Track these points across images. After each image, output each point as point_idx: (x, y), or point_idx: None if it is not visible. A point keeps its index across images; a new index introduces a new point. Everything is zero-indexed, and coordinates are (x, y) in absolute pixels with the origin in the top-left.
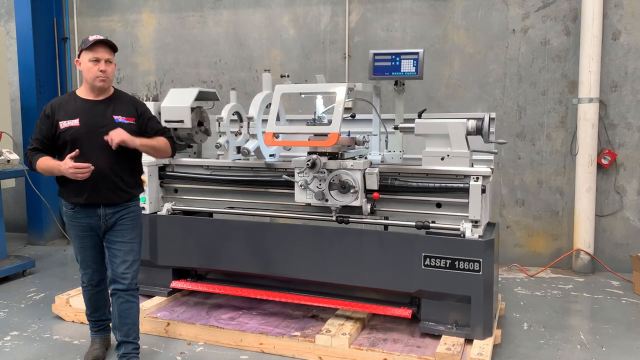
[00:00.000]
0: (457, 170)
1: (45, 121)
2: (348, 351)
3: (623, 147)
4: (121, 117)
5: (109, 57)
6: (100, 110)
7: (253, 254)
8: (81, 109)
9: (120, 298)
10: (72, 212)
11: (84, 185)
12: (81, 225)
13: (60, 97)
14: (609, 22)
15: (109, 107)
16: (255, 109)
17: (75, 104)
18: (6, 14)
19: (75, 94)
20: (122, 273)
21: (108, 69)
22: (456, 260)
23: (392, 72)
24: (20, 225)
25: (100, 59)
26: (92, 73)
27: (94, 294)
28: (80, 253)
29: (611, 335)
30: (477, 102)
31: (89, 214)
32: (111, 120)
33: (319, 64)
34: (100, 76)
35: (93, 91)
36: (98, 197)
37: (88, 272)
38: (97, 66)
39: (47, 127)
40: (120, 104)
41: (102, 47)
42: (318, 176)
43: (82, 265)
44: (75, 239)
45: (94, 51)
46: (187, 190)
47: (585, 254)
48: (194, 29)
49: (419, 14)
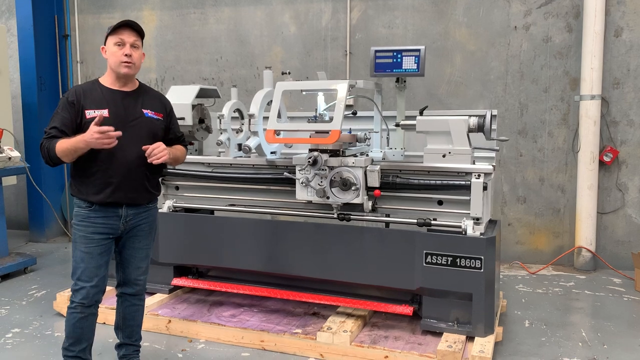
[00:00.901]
0: (459, 167)
1: (68, 108)
2: (349, 348)
3: (625, 144)
4: (150, 111)
5: (135, 40)
6: (130, 103)
7: (254, 252)
8: (110, 99)
9: (127, 301)
10: (88, 211)
11: (108, 181)
12: (95, 226)
13: (82, 84)
14: (611, 18)
15: (138, 100)
16: (257, 106)
17: (102, 92)
18: (7, 11)
19: (98, 82)
20: (135, 279)
21: (134, 54)
22: (457, 257)
23: (394, 69)
24: (21, 222)
25: (126, 42)
26: (116, 58)
27: (82, 318)
28: (85, 260)
29: (613, 333)
30: (479, 99)
31: (107, 214)
32: (141, 114)
33: (320, 61)
34: (125, 61)
35: (119, 80)
36: (122, 195)
37: (85, 286)
38: (122, 50)
39: (70, 115)
40: (149, 99)
41: (127, 30)
42: (319, 173)
43: (81, 277)
44: (81, 243)
45: (119, 33)
46: (188, 188)
47: (587, 251)
48: (195, 26)
49: (421, 11)
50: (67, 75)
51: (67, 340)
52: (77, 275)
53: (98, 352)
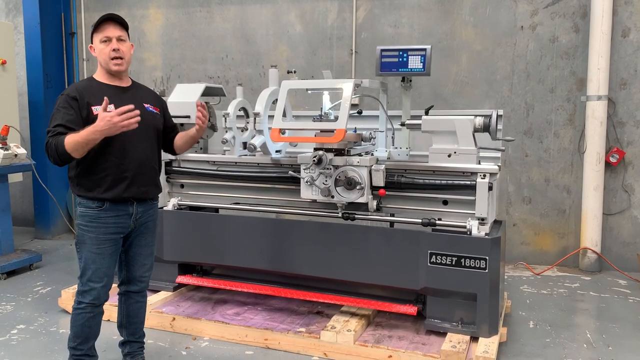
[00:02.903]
0: (464, 167)
1: (71, 104)
2: (353, 347)
3: (632, 145)
4: (150, 106)
5: (120, 34)
6: (131, 97)
7: (258, 250)
8: (112, 94)
9: (131, 299)
10: (98, 211)
11: (122, 175)
12: (107, 226)
13: (78, 82)
14: (618, 19)
15: (136, 95)
16: (262, 105)
17: (102, 89)
18: (14, 9)
19: (94, 79)
20: (140, 276)
21: (122, 47)
22: (462, 257)
23: (400, 69)
24: (27, 219)
25: (111, 37)
26: (104, 55)
27: (91, 317)
28: (96, 262)
29: (618, 334)
30: (485, 99)
31: (118, 213)
32: (143, 108)
33: (325, 60)
34: (113, 57)
35: (113, 77)
36: (135, 190)
37: (96, 287)
38: (109, 46)
39: (75, 112)
40: (145, 94)
41: (111, 25)
42: (324, 172)
43: (92, 278)
44: (92, 245)
45: (103, 30)
46: (193, 186)
47: (592, 252)
48: (201, 24)
49: (427, 10)
50: (73, 73)
51: (75, 339)
52: (87, 277)
53: (102, 349)
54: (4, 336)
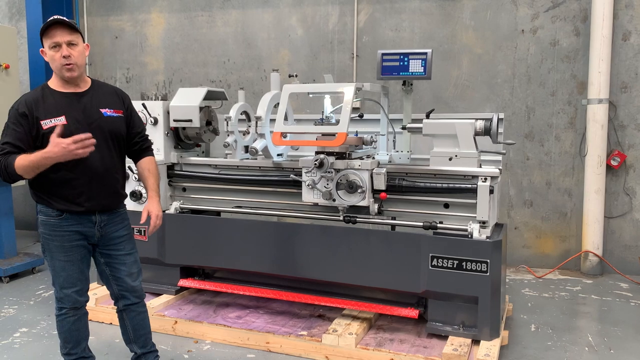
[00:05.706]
0: (465, 170)
1: (21, 121)
2: (354, 351)
3: (633, 148)
4: (109, 110)
5: (70, 38)
6: (85, 104)
7: (260, 253)
8: (64, 104)
9: (133, 312)
10: (58, 220)
11: (79, 191)
12: (69, 234)
13: (30, 92)
14: (619, 22)
15: (93, 100)
16: (263, 109)
17: (54, 98)
18: (17, 13)
19: (48, 87)
20: (132, 287)
21: (73, 53)
22: (464, 261)
23: (400, 72)
24: (30, 223)
25: (60, 42)
26: (55, 62)
27: (76, 320)
28: (65, 269)
29: (619, 338)
30: (486, 103)
31: (80, 221)
32: (100, 115)
33: (327, 64)
34: (65, 64)
35: (68, 83)
36: (94, 203)
37: (72, 293)
38: (59, 52)
39: (24, 129)
40: (104, 95)
41: (59, 29)
42: (325, 176)
43: (65, 285)
44: (58, 253)
45: (51, 36)
46: (195, 189)
47: (594, 255)
48: (202, 28)
49: (428, 14)
50: None
51: (66, 345)
52: (59, 284)
53: (104, 352)
54: (7, 339)
